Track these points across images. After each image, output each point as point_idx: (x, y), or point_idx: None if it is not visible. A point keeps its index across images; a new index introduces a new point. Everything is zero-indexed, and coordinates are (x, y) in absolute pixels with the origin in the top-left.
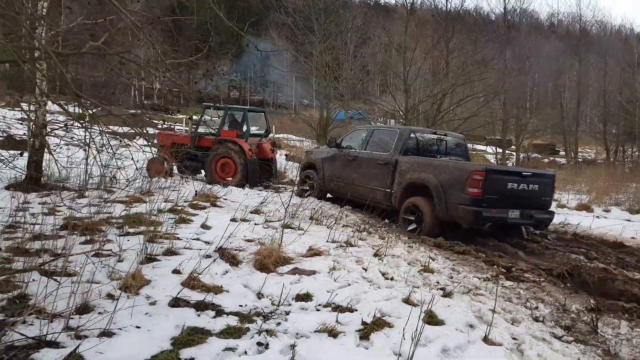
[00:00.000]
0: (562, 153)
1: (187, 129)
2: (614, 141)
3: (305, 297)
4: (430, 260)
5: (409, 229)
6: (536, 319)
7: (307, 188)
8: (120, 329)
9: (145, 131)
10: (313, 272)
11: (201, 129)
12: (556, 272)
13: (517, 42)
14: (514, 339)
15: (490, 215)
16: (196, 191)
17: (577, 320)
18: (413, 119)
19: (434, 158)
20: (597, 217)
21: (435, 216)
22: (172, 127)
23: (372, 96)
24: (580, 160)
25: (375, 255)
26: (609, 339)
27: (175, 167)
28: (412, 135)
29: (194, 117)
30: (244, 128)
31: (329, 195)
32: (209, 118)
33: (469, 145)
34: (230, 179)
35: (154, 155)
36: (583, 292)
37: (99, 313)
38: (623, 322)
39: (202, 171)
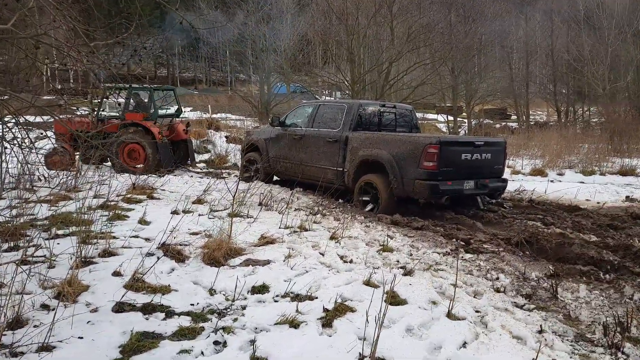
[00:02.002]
0: (514, 117)
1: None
2: (564, 102)
3: (262, 289)
4: (389, 239)
5: (365, 208)
6: (497, 290)
7: (252, 172)
8: (60, 341)
9: (65, 119)
10: (268, 262)
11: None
12: (514, 240)
13: (461, 4)
14: (477, 311)
15: (446, 188)
16: (134, 183)
17: (538, 288)
18: (360, 90)
19: (386, 132)
20: (552, 181)
21: (391, 193)
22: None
23: (315, 68)
24: (532, 123)
25: (332, 238)
26: (568, 303)
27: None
28: (361, 109)
29: (94, 100)
30: (152, 109)
31: (276, 178)
32: (113, 100)
33: (419, 115)
34: (141, 166)
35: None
36: (542, 258)
37: (35, 326)
38: (582, 285)
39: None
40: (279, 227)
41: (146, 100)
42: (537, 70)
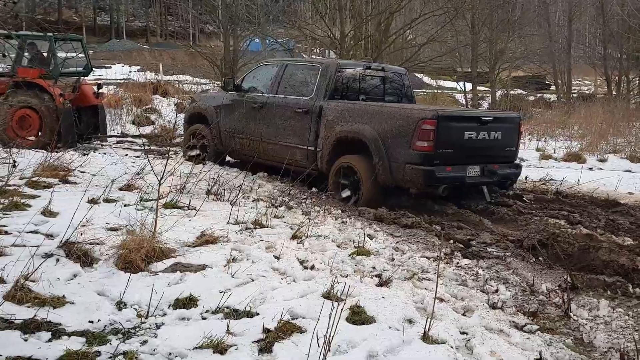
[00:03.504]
0: (554, 87)
1: None
2: (616, 69)
3: (188, 302)
4: (368, 239)
5: (342, 199)
6: (494, 306)
7: (198, 150)
8: None
9: None
10: (203, 267)
11: None
12: (527, 243)
13: None
14: (463, 333)
15: (444, 175)
16: (14, 161)
17: (546, 304)
18: (353, 47)
19: (370, 102)
20: (590, 168)
21: (375, 181)
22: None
23: (299, 18)
24: (574, 95)
25: (294, 237)
26: (583, 323)
27: None
28: (339, 71)
29: None
30: (52, 65)
31: (230, 159)
32: None
33: (431, 82)
34: (33, 138)
35: None
36: (559, 266)
37: None
38: (603, 301)
39: None
40: (227, 222)
41: (45, 53)
42: (583, 28)
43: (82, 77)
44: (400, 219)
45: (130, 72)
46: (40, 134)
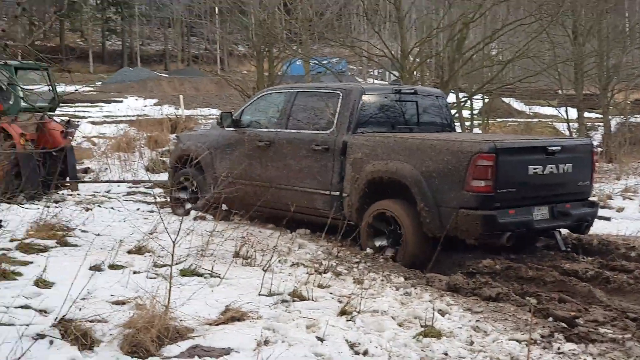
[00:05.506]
0: None
1: None
2: None
3: None
4: (438, 316)
5: (380, 253)
6: None
7: (187, 198)
8: None
9: None
10: (227, 352)
11: None
12: None
13: None
14: None
15: (508, 220)
16: (0, 220)
17: None
18: (418, 67)
19: (409, 134)
20: None
21: (420, 231)
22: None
23: (350, 34)
24: None
25: (343, 313)
26: None
27: None
28: (365, 97)
29: None
30: (12, 99)
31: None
32: None
33: (524, 108)
34: None
35: None
36: None
37: None
38: None
39: None
40: (258, 294)
41: (4, 87)
42: None
43: (47, 113)
44: (482, 289)
45: (145, 106)
46: None
